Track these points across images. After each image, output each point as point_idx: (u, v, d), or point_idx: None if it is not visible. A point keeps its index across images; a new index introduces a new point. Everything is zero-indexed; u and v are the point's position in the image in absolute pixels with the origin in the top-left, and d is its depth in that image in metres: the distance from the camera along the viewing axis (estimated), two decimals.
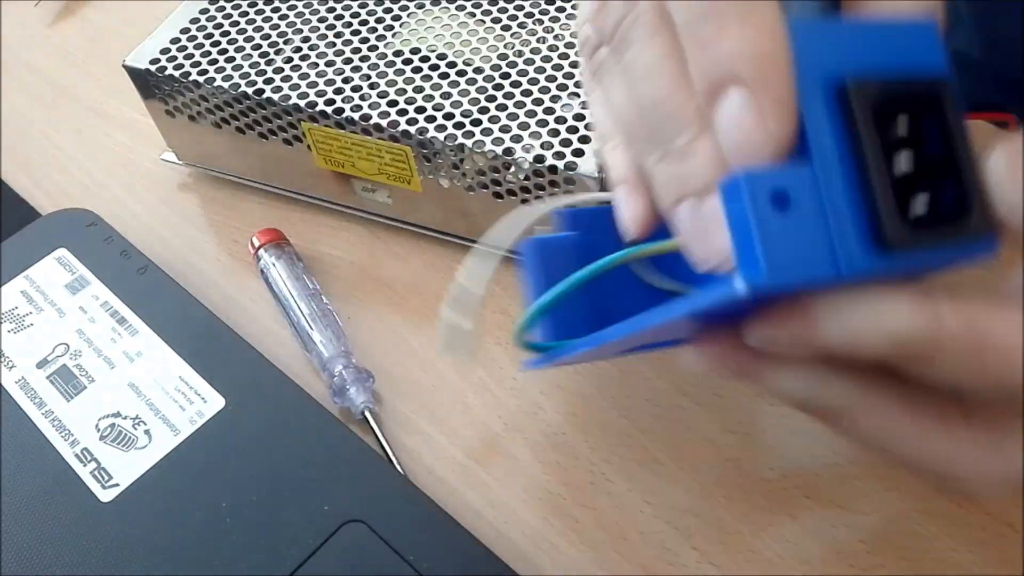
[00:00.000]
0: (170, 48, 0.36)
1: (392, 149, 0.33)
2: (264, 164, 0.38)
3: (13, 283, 0.36)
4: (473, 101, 0.33)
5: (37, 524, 0.29)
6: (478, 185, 0.33)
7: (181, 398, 0.32)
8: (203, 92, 0.35)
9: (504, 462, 0.31)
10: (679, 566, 0.28)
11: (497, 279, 0.36)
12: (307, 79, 0.34)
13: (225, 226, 0.40)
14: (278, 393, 0.31)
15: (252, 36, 0.36)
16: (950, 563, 0.28)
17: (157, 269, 0.35)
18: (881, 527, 0.28)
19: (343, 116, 0.33)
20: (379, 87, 0.34)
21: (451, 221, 0.36)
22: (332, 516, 0.28)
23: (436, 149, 0.33)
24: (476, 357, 0.34)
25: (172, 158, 0.41)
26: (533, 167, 0.31)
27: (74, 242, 0.37)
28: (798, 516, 0.29)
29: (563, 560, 0.29)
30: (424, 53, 0.35)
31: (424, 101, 0.33)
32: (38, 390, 0.32)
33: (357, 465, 0.29)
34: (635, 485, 0.30)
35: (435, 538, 0.28)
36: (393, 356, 0.34)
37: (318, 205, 0.39)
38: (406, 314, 0.36)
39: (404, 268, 0.37)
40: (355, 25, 0.36)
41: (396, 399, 0.33)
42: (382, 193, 0.36)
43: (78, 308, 0.34)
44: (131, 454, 0.30)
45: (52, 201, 0.42)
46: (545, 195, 0.32)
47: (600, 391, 0.33)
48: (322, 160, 0.36)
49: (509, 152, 0.31)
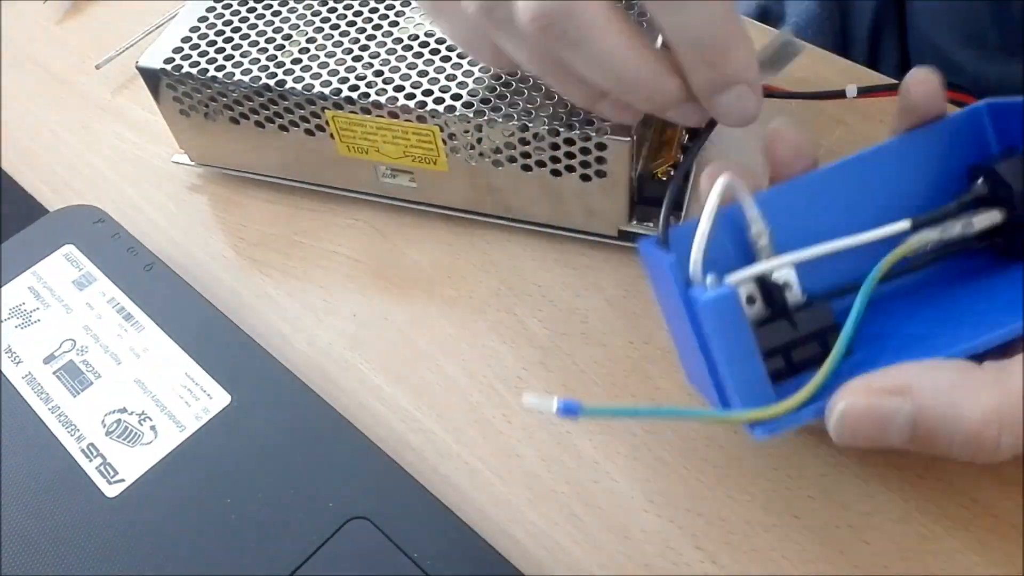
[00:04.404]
0: (183, 47, 0.36)
1: (419, 131, 0.34)
2: (283, 157, 0.38)
3: (20, 279, 0.36)
4: (495, 76, 0.33)
5: (43, 519, 0.29)
6: (506, 159, 0.33)
7: (187, 394, 0.32)
8: (221, 88, 0.36)
9: (508, 460, 0.31)
10: (682, 565, 0.28)
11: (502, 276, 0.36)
12: (326, 67, 0.35)
13: (233, 223, 0.40)
14: (283, 390, 0.32)
15: (264, 30, 0.37)
16: (954, 564, 0.27)
17: (164, 266, 0.36)
18: (885, 527, 0.28)
19: (369, 101, 0.33)
20: (399, 70, 0.34)
21: (478, 199, 0.36)
22: (337, 513, 0.28)
23: (463, 126, 0.33)
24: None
25: (183, 160, 0.41)
26: (564, 135, 0.32)
27: (81, 238, 0.37)
28: (802, 516, 0.29)
29: (566, 558, 0.29)
30: (440, 35, 0.35)
31: (447, 80, 0.34)
32: (45, 385, 0.32)
33: (362, 462, 0.30)
34: (639, 484, 0.30)
35: (439, 536, 0.28)
36: (399, 354, 0.35)
37: (328, 203, 0.39)
38: (412, 312, 0.36)
39: (410, 268, 0.37)
40: (365, 13, 0.37)
41: (402, 397, 0.33)
42: (404, 177, 0.37)
43: (85, 304, 0.35)
44: (137, 450, 0.30)
45: (59, 197, 0.42)
46: (576, 163, 0.33)
47: (604, 390, 0.33)
48: (345, 148, 0.36)
49: (538, 121, 0.32)
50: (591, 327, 0.34)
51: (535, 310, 0.35)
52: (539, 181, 0.34)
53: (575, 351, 0.34)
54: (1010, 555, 0.27)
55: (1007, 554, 0.27)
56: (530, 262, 0.37)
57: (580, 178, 0.33)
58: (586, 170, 0.33)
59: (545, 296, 0.35)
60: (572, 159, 0.32)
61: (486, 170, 0.34)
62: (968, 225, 0.25)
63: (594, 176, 0.33)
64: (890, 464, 0.30)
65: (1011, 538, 0.28)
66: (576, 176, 0.33)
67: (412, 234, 0.38)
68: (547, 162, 0.33)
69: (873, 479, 0.29)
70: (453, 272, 0.37)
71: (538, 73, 0.28)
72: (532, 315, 0.35)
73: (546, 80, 0.28)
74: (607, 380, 0.33)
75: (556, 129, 0.32)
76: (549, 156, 0.33)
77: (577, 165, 0.33)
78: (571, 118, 0.32)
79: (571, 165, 0.33)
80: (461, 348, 0.34)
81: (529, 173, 0.34)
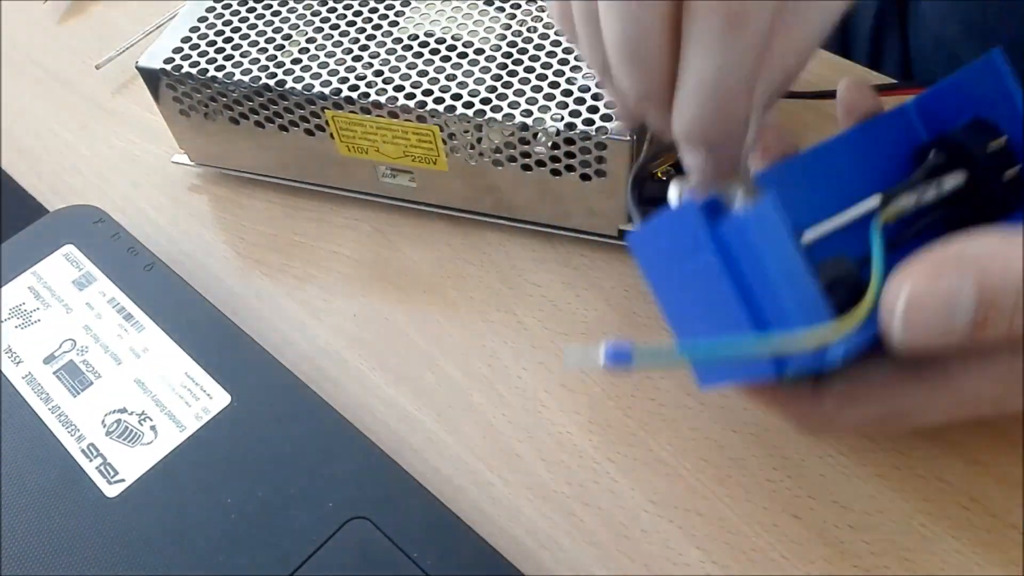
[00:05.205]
0: (182, 47, 0.36)
1: (419, 130, 0.34)
2: (283, 157, 0.38)
3: (20, 279, 0.36)
4: (495, 77, 0.33)
5: (43, 519, 0.29)
6: (506, 159, 0.34)
7: (187, 394, 0.32)
8: (221, 88, 0.36)
9: (508, 460, 0.31)
10: (682, 565, 0.29)
11: (502, 276, 0.36)
12: (326, 67, 0.35)
13: (232, 224, 0.40)
14: (283, 390, 0.32)
15: (264, 30, 0.37)
16: (954, 564, 0.28)
17: (164, 266, 0.36)
18: (885, 528, 0.28)
19: (369, 101, 0.33)
20: (399, 70, 0.34)
21: (477, 199, 0.36)
22: (337, 512, 0.28)
23: (463, 126, 0.33)
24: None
25: (183, 160, 0.41)
26: (565, 135, 0.32)
27: (81, 238, 0.37)
28: (802, 516, 0.29)
29: (566, 558, 0.29)
30: (439, 35, 0.35)
31: (447, 80, 0.34)
32: (45, 385, 0.32)
33: (362, 462, 0.30)
34: (639, 484, 0.30)
35: (439, 535, 0.28)
36: (399, 354, 0.35)
37: (327, 203, 0.39)
38: (412, 312, 0.36)
39: (410, 268, 0.37)
40: (365, 13, 0.37)
41: (401, 396, 0.33)
42: (404, 177, 0.37)
43: (85, 304, 0.35)
44: (137, 450, 0.30)
45: (60, 197, 0.42)
46: (576, 163, 0.33)
47: (604, 390, 0.33)
48: (345, 148, 0.36)
49: (538, 121, 0.32)
50: (591, 327, 0.34)
51: (535, 310, 0.35)
52: (539, 181, 0.34)
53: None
54: (1010, 555, 0.27)
55: (1007, 554, 0.27)
56: (530, 262, 0.37)
57: (580, 178, 0.33)
58: (586, 170, 0.33)
59: (545, 296, 0.35)
60: (572, 159, 0.32)
61: (486, 170, 0.34)
62: (940, 186, 0.26)
63: (594, 176, 0.33)
64: (890, 464, 0.30)
65: (1011, 538, 0.28)
66: (576, 176, 0.33)
67: (412, 234, 0.38)
68: (547, 162, 0.33)
69: (873, 479, 0.29)
70: (453, 272, 0.37)
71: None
72: (532, 315, 0.35)
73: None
74: (607, 380, 0.33)
75: (556, 129, 0.32)
76: (549, 156, 0.33)
77: (577, 165, 0.33)
78: (571, 118, 0.32)
79: (571, 165, 0.33)
80: (461, 348, 0.34)
81: (529, 173, 0.34)
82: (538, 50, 0.34)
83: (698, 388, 0.24)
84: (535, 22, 0.35)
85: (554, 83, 0.33)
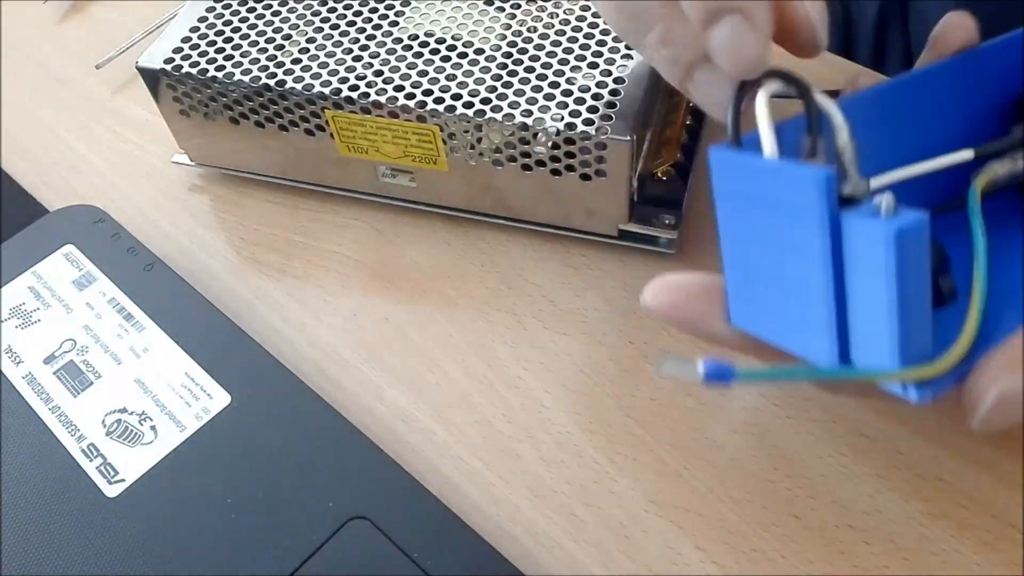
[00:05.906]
0: (182, 47, 0.36)
1: (419, 130, 0.34)
2: (283, 158, 0.38)
3: (21, 279, 0.36)
4: (495, 77, 0.33)
5: (43, 519, 0.29)
6: (506, 159, 0.34)
7: (187, 394, 0.32)
8: (221, 88, 0.36)
9: (508, 460, 0.31)
10: (682, 565, 0.28)
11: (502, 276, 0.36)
12: (326, 67, 0.35)
13: (232, 224, 0.40)
14: (283, 390, 0.32)
15: (264, 30, 0.37)
16: (954, 564, 0.27)
17: (164, 266, 0.36)
18: (885, 528, 0.28)
19: (369, 101, 0.33)
20: (400, 70, 0.34)
21: (477, 198, 0.36)
22: (336, 513, 0.28)
23: (463, 126, 0.33)
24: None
25: (183, 160, 0.41)
26: (565, 135, 0.32)
27: (81, 239, 0.37)
28: (802, 516, 0.29)
29: (566, 558, 0.29)
30: (439, 35, 0.35)
31: (447, 80, 0.34)
32: (45, 385, 0.32)
33: (362, 462, 0.30)
34: (639, 484, 0.30)
35: (439, 535, 0.28)
36: (399, 354, 0.35)
37: (328, 203, 0.39)
38: (412, 312, 0.36)
39: (410, 268, 0.37)
40: (365, 13, 0.37)
41: (401, 396, 0.33)
42: (404, 177, 0.37)
43: (85, 304, 0.35)
44: (137, 450, 0.30)
45: (60, 197, 0.42)
46: (576, 163, 0.32)
47: (605, 390, 0.33)
48: (345, 148, 0.36)
49: (538, 121, 0.32)
50: (591, 327, 0.34)
51: (535, 310, 0.35)
52: (539, 181, 0.34)
53: (575, 351, 0.34)
54: (1010, 555, 0.27)
55: (1007, 554, 0.27)
56: (530, 262, 0.37)
57: (580, 178, 0.33)
58: (586, 170, 0.33)
59: (545, 296, 0.35)
60: (572, 159, 0.32)
61: (486, 170, 0.34)
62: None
63: (594, 176, 0.33)
64: (890, 464, 0.30)
65: (1011, 538, 0.28)
66: (576, 176, 0.33)
67: (412, 234, 0.38)
68: (547, 162, 0.33)
69: (873, 479, 0.29)
70: (453, 272, 0.37)
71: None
72: (532, 315, 0.35)
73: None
74: (607, 380, 0.33)
75: (556, 129, 0.32)
76: (549, 156, 0.33)
77: (577, 165, 0.33)
78: (571, 118, 0.32)
79: (571, 165, 0.33)
80: (461, 348, 0.34)
81: (529, 173, 0.34)
82: (538, 50, 0.34)
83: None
84: (535, 22, 0.35)
85: (554, 83, 0.33)
